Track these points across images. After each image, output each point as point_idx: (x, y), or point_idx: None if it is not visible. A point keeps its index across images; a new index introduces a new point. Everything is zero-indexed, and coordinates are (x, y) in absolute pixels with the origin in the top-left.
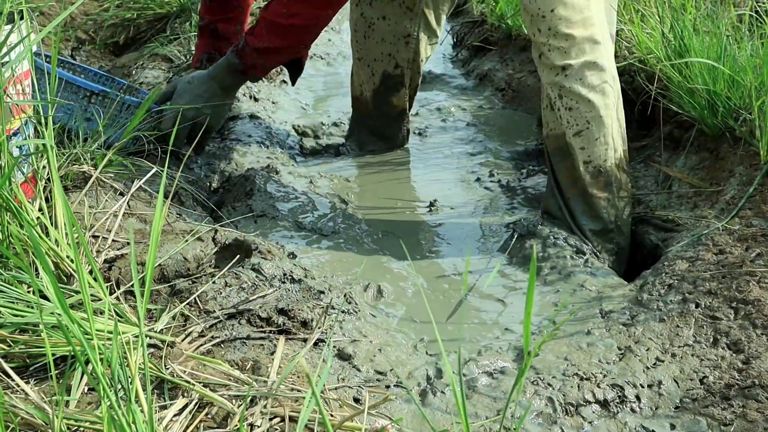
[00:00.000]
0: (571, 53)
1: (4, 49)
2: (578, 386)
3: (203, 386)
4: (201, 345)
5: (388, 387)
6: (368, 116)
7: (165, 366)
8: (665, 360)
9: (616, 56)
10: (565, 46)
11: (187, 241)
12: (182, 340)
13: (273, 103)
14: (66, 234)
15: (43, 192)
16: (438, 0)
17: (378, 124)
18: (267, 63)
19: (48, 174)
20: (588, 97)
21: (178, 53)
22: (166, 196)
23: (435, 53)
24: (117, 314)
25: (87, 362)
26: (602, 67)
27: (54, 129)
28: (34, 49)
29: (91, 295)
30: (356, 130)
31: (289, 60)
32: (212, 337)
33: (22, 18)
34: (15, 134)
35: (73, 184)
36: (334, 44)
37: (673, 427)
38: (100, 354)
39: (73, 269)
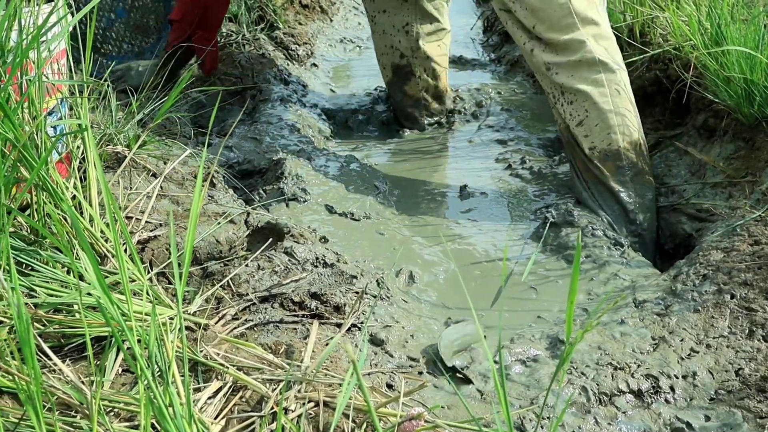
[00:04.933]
0: (560, 53)
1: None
2: (612, 376)
3: (237, 369)
4: (235, 328)
5: (420, 373)
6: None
7: (199, 348)
8: (700, 351)
9: (649, 44)
10: (555, 49)
11: (219, 223)
12: (216, 323)
13: (303, 86)
14: (101, 215)
15: (78, 171)
16: None
17: (399, 113)
18: (171, 37)
19: (82, 153)
20: (582, 89)
21: None
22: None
23: (465, 38)
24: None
25: (123, 343)
26: (592, 61)
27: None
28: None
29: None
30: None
31: (182, 42)
32: (246, 320)
33: None
34: (50, 113)
35: (106, 164)
36: (365, 28)
37: (707, 418)
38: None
39: (107, 250)
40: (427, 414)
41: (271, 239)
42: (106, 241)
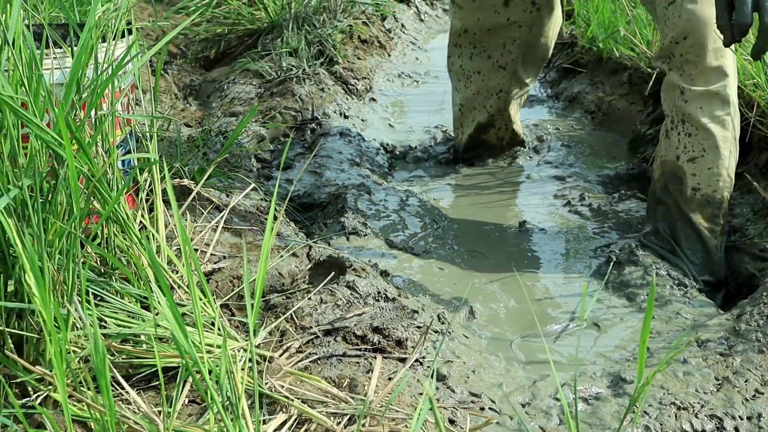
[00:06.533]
0: (697, 81)
1: (105, 66)
2: (675, 416)
3: (302, 402)
4: (299, 361)
5: (482, 409)
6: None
7: (264, 381)
8: (765, 392)
9: None
10: (694, 73)
11: (282, 256)
12: (280, 356)
13: (362, 120)
14: (170, 247)
15: (145, 203)
16: (529, 59)
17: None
18: None
19: (148, 185)
20: (707, 125)
21: (269, 69)
22: (262, 212)
23: None
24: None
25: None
26: (726, 99)
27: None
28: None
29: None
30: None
31: None
32: (309, 353)
33: (130, 33)
34: (119, 146)
35: None
36: (422, 63)
37: None
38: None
39: (173, 280)
40: None
41: (333, 273)
42: (173, 272)
